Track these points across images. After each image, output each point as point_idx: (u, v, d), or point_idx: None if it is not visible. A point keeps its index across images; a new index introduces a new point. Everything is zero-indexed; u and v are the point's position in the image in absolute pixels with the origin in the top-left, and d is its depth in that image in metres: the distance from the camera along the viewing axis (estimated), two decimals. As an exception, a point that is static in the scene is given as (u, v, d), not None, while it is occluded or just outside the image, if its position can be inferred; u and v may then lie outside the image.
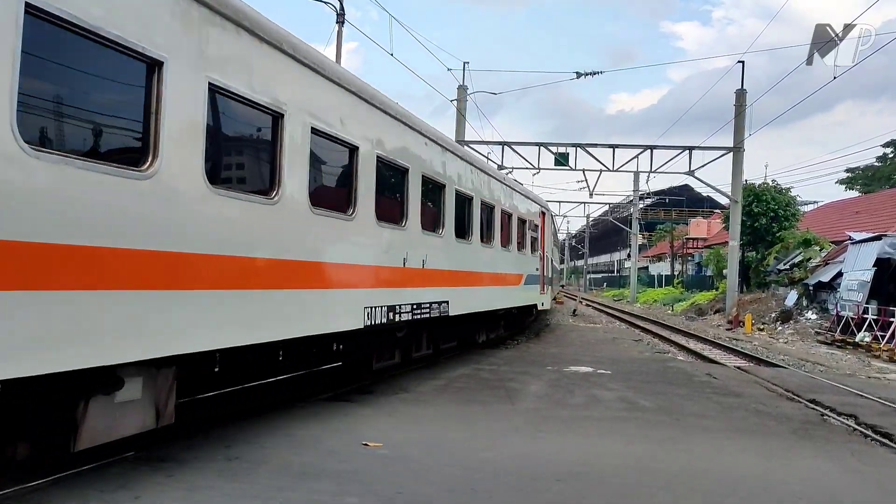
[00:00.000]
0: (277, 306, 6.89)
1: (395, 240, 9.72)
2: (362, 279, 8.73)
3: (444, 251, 11.80)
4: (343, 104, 8.28)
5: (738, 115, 31.45)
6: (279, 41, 6.90)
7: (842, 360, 19.68)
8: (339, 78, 8.19)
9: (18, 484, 5.12)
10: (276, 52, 6.90)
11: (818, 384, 13.30)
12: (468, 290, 13.19)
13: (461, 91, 31.09)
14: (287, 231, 7.05)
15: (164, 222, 5.40)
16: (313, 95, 7.61)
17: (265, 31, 6.70)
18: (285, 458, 6.29)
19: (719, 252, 43.46)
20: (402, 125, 10.06)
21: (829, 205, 56.26)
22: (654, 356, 18.15)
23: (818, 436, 8.49)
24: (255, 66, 6.58)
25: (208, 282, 5.88)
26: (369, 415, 8.40)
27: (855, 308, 24.33)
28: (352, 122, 8.42)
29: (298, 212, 7.24)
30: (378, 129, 9.19)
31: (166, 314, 5.41)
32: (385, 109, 9.42)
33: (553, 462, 6.65)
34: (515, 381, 11.73)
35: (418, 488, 5.64)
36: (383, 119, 9.39)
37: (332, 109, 8.00)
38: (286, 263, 7.02)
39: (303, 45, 7.43)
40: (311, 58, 7.53)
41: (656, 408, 9.77)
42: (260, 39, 6.61)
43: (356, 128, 8.53)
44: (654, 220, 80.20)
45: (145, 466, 5.81)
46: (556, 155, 32.81)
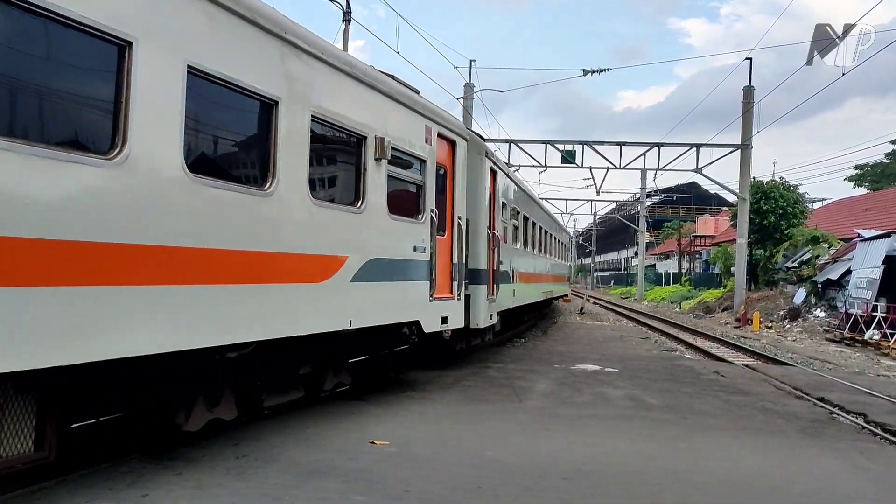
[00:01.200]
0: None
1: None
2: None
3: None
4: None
5: (746, 112, 31.36)
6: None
7: (850, 357, 19.59)
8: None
9: (26, 484, 5.15)
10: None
11: (827, 382, 13.25)
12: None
13: (468, 89, 31.08)
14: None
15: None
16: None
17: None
18: (293, 457, 6.31)
19: (727, 250, 43.34)
20: None
21: (838, 202, 56.01)
22: (661, 354, 18.13)
23: (827, 434, 8.46)
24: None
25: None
26: (377, 413, 8.42)
27: (864, 306, 24.21)
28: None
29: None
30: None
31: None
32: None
33: (560, 460, 6.65)
34: (523, 379, 11.73)
35: (425, 486, 5.66)
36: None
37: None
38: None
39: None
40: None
41: (664, 406, 9.76)
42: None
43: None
44: (662, 218, 79.96)
45: (154, 465, 5.84)
46: (563, 153, 32.80)
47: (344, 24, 19.04)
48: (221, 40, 5.93)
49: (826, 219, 44.68)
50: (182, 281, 5.43)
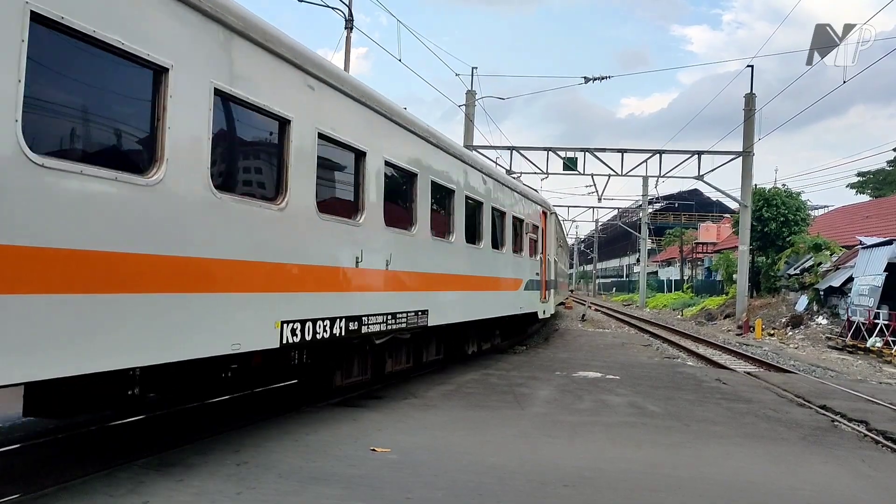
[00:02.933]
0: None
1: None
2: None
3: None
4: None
5: (748, 119, 31.39)
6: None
7: (853, 365, 19.56)
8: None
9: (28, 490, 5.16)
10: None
11: (829, 390, 13.22)
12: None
13: (469, 96, 31.15)
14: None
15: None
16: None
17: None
18: (294, 463, 6.30)
19: (729, 256, 43.31)
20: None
21: (840, 209, 55.97)
22: (663, 361, 18.10)
23: (829, 442, 8.44)
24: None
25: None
26: (378, 420, 8.40)
27: (866, 313, 24.18)
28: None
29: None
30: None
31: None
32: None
33: (561, 467, 6.64)
34: (524, 386, 11.71)
35: (427, 493, 5.64)
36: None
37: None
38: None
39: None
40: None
41: (665, 413, 9.74)
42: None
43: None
44: (664, 225, 79.95)
45: (154, 471, 5.84)
46: (565, 160, 32.79)
47: (346, 32, 19.13)
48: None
49: (828, 226, 44.66)
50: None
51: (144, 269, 5.20)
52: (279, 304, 6.83)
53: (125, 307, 5.03)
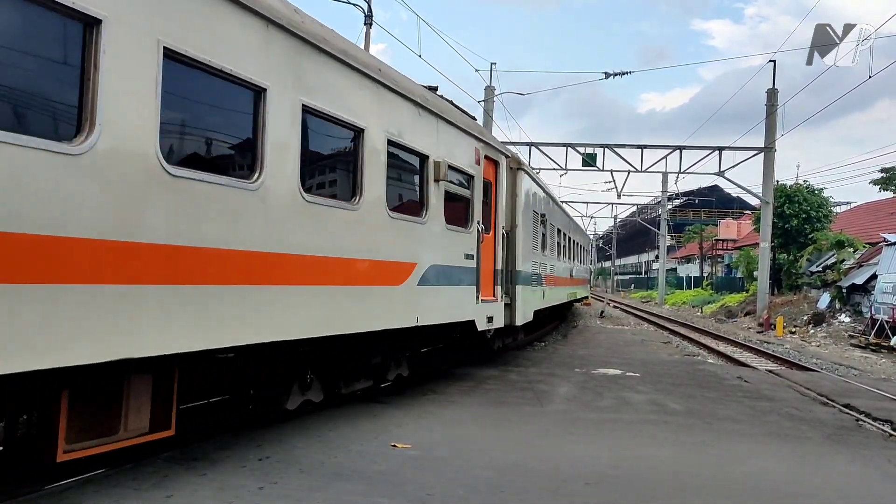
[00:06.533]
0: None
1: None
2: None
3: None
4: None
5: (770, 114, 31.07)
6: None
7: (876, 363, 19.31)
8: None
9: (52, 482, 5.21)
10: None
11: (852, 388, 13.06)
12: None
13: (488, 92, 31.07)
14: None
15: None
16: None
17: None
18: (316, 459, 6.33)
19: (750, 253, 42.95)
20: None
21: (864, 206, 55.23)
22: (683, 359, 17.97)
23: (853, 441, 8.33)
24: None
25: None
26: (398, 416, 8.41)
27: (890, 311, 23.84)
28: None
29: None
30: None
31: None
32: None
33: (582, 464, 6.61)
34: (544, 382, 11.68)
35: (448, 490, 5.64)
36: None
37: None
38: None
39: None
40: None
41: (686, 411, 9.67)
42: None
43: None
44: (683, 221, 79.38)
45: (179, 466, 5.88)
46: (584, 156, 32.68)
47: (366, 28, 19.14)
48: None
49: (851, 223, 44.10)
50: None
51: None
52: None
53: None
